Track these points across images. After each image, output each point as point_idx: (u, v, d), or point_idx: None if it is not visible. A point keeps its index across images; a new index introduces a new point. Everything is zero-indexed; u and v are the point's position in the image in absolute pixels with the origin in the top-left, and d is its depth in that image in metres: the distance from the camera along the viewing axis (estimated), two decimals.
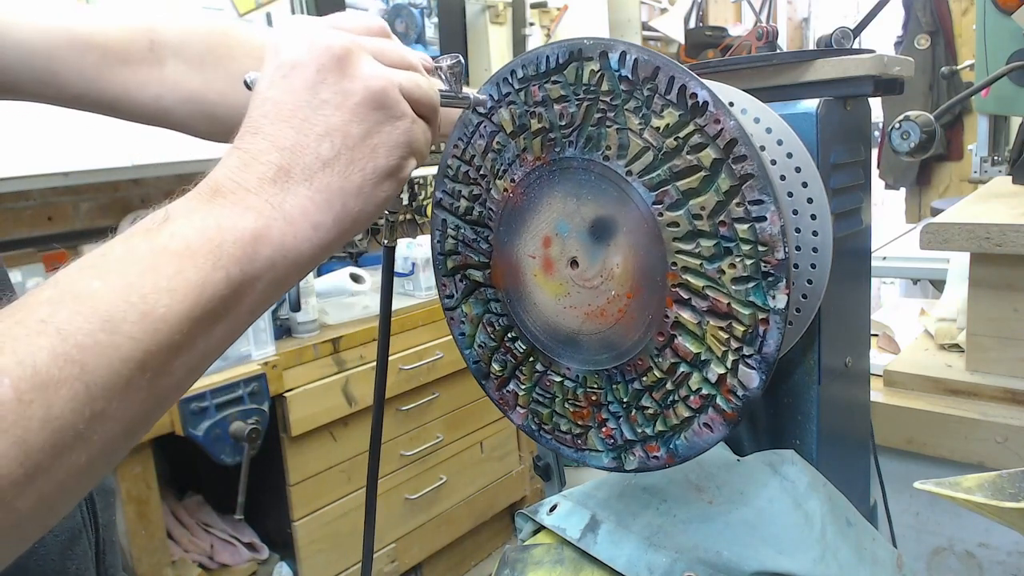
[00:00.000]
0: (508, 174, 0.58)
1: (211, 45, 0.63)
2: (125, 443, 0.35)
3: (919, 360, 1.14)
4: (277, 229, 0.38)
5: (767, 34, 0.85)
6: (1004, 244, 0.94)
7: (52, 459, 0.30)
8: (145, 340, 0.33)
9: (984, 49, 1.39)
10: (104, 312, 0.32)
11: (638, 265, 0.53)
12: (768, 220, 0.48)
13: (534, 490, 2.61)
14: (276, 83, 0.41)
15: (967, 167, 2.60)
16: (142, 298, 0.33)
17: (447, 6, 2.51)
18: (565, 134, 0.54)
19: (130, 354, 0.32)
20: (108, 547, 0.61)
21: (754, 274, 0.49)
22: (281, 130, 0.40)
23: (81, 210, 2.09)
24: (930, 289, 2.10)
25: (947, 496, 0.56)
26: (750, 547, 0.56)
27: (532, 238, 0.57)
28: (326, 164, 0.40)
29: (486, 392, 0.64)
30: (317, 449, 1.92)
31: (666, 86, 0.50)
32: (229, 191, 0.38)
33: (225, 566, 1.86)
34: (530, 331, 0.60)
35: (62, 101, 0.61)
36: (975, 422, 0.99)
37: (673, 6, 4.05)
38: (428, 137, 0.46)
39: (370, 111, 0.41)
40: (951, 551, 1.05)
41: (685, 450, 0.54)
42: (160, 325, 0.33)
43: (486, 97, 0.56)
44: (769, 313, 0.49)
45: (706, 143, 0.49)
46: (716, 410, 0.52)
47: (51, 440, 0.30)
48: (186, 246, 0.35)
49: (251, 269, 0.37)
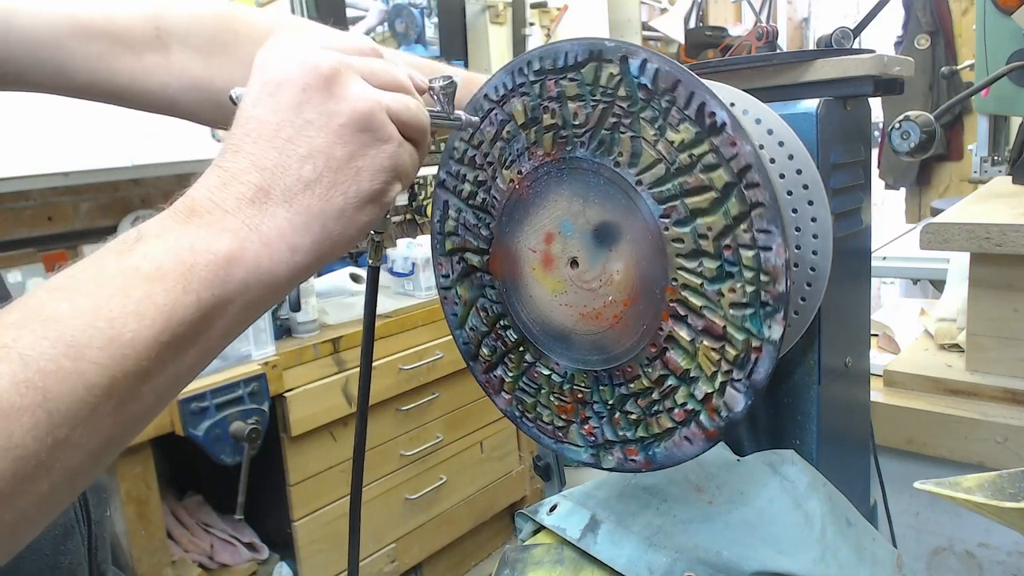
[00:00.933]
0: (516, 165, 0.57)
1: (217, 31, 0.63)
2: (90, 471, 0.33)
3: (919, 360, 1.14)
4: (252, 251, 0.37)
5: (767, 34, 0.85)
6: (1004, 244, 0.94)
7: (12, 487, 0.30)
8: (111, 366, 0.32)
9: (984, 49, 1.39)
10: (69, 337, 0.31)
11: (638, 275, 0.53)
12: (773, 251, 0.48)
13: (534, 490, 2.61)
14: (261, 101, 0.40)
15: (967, 167, 2.60)
16: (109, 322, 0.32)
17: (447, 6, 2.51)
18: (577, 134, 0.54)
19: (95, 380, 0.32)
20: (99, 543, 0.61)
21: (753, 302, 0.49)
22: (263, 149, 0.39)
23: (81, 210, 2.09)
24: (930, 289, 2.10)
25: (947, 496, 0.56)
26: (750, 547, 0.56)
27: (534, 232, 0.57)
28: (307, 186, 0.39)
29: (473, 373, 0.64)
30: (317, 449, 1.92)
31: (685, 100, 0.49)
32: (206, 211, 0.37)
33: (225, 566, 1.86)
34: (523, 322, 0.60)
35: (68, 91, 0.60)
36: (975, 422, 0.99)
37: (673, 6, 4.05)
38: (415, 160, 0.45)
39: (355, 133, 0.40)
40: (951, 551, 1.05)
41: (663, 458, 0.55)
42: (127, 351, 0.33)
43: (477, 119, 0.56)
44: (763, 342, 0.49)
45: (719, 164, 0.48)
46: (699, 426, 0.52)
47: (11, 468, 0.29)
48: (156, 268, 0.35)
49: (223, 292, 0.36)
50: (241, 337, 1.78)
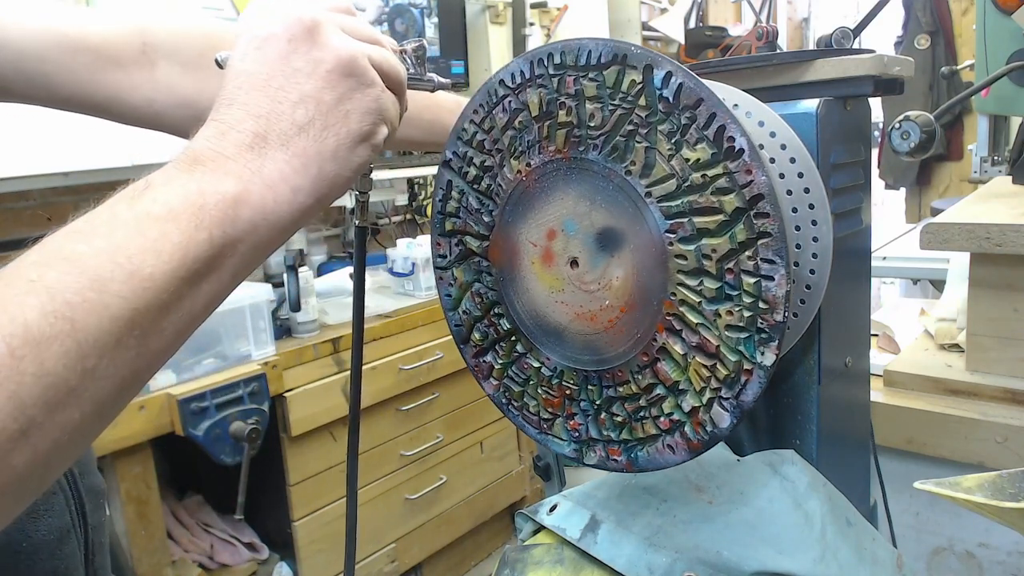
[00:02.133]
0: (525, 157, 0.57)
1: (203, 48, 0.63)
2: (116, 402, 0.35)
3: (919, 360, 1.14)
4: (257, 193, 0.39)
5: (767, 34, 0.85)
6: (1004, 244, 0.94)
7: (45, 414, 0.31)
8: (133, 299, 0.34)
9: (984, 49, 1.39)
10: (92, 272, 0.33)
11: (638, 284, 0.53)
12: (775, 281, 0.47)
13: (534, 490, 2.61)
14: (249, 55, 0.43)
15: (967, 167, 2.60)
16: (128, 259, 0.34)
17: (447, 6, 2.51)
18: (592, 135, 0.53)
19: (119, 312, 0.33)
20: (97, 548, 0.60)
21: (749, 327, 0.49)
22: (256, 99, 0.41)
23: (81, 210, 2.08)
24: (930, 289, 2.10)
25: (947, 496, 0.56)
26: (750, 547, 0.56)
27: (537, 227, 0.57)
28: (301, 129, 0.41)
29: (463, 356, 0.65)
30: (317, 449, 1.92)
31: (705, 120, 0.48)
32: (208, 159, 0.39)
33: (225, 566, 1.86)
34: (517, 313, 0.60)
35: (53, 103, 0.61)
36: (975, 422, 0.99)
37: (673, 6, 4.05)
38: (398, 109, 0.47)
39: (342, 78, 0.43)
40: (951, 551, 1.05)
41: (644, 462, 0.55)
42: (147, 284, 0.34)
43: (448, 82, 0.58)
44: (755, 367, 0.49)
45: (732, 189, 0.48)
46: (683, 436, 0.52)
47: (44, 395, 0.31)
48: (168, 210, 0.36)
49: (233, 231, 0.38)
50: (241, 337, 1.78)
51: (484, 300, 0.62)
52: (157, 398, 1.58)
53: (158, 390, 1.60)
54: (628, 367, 0.54)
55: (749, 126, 0.58)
